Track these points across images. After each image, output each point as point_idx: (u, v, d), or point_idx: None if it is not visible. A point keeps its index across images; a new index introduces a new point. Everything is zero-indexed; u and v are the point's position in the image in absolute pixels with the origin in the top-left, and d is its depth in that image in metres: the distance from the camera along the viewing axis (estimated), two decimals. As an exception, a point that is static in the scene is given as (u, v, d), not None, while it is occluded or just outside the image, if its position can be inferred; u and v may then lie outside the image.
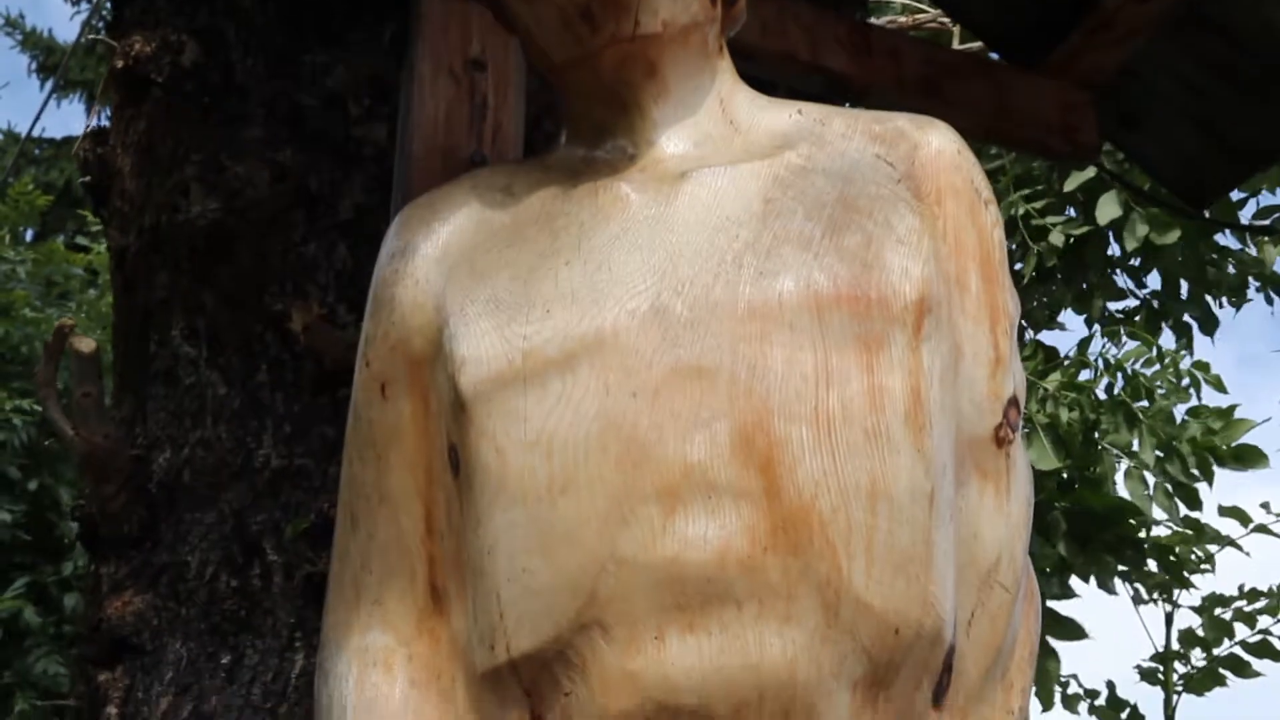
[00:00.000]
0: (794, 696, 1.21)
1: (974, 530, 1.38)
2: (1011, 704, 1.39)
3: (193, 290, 1.82)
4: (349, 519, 1.46)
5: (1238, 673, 2.93)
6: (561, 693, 1.24)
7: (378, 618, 1.41)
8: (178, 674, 1.63)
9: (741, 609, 1.21)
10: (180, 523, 1.71)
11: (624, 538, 1.23)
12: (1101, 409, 2.83)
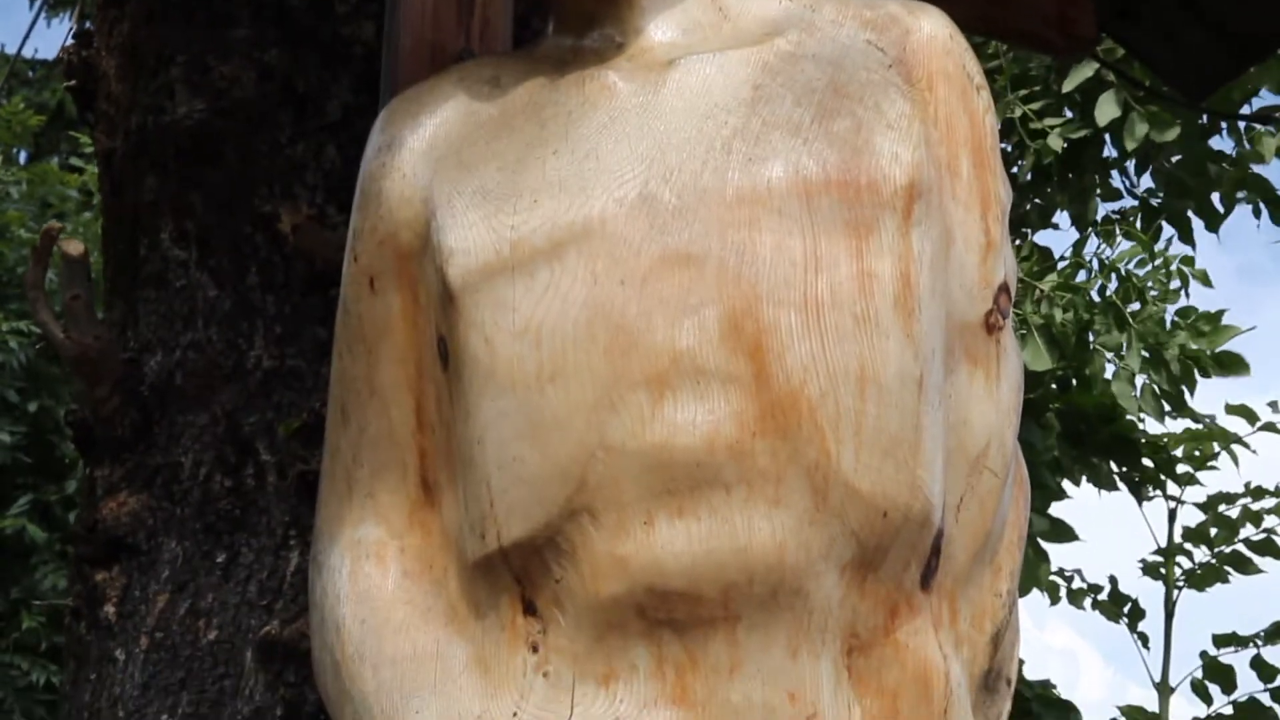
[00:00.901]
0: (782, 579, 1.21)
1: (963, 416, 1.38)
2: (1000, 587, 1.40)
3: (181, 193, 1.81)
4: (340, 414, 1.46)
5: (1240, 569, 2.95)
6: (552, 579, 1.25)
7: (370, 511, 1.42)
8: (174, 573, 1.64)
9: (730, 493, 1.22)
10: (173, 425, 1.72)
11: (613, 424, 1.23)
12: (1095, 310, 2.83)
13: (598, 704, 1.22)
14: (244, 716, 1.55)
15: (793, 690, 1.21)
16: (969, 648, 1.37)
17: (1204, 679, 2.93)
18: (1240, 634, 2.92)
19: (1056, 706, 2.86)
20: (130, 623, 1.64)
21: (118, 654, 1.63)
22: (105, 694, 1.62)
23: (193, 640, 1.60)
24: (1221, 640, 2.92)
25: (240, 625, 1.60)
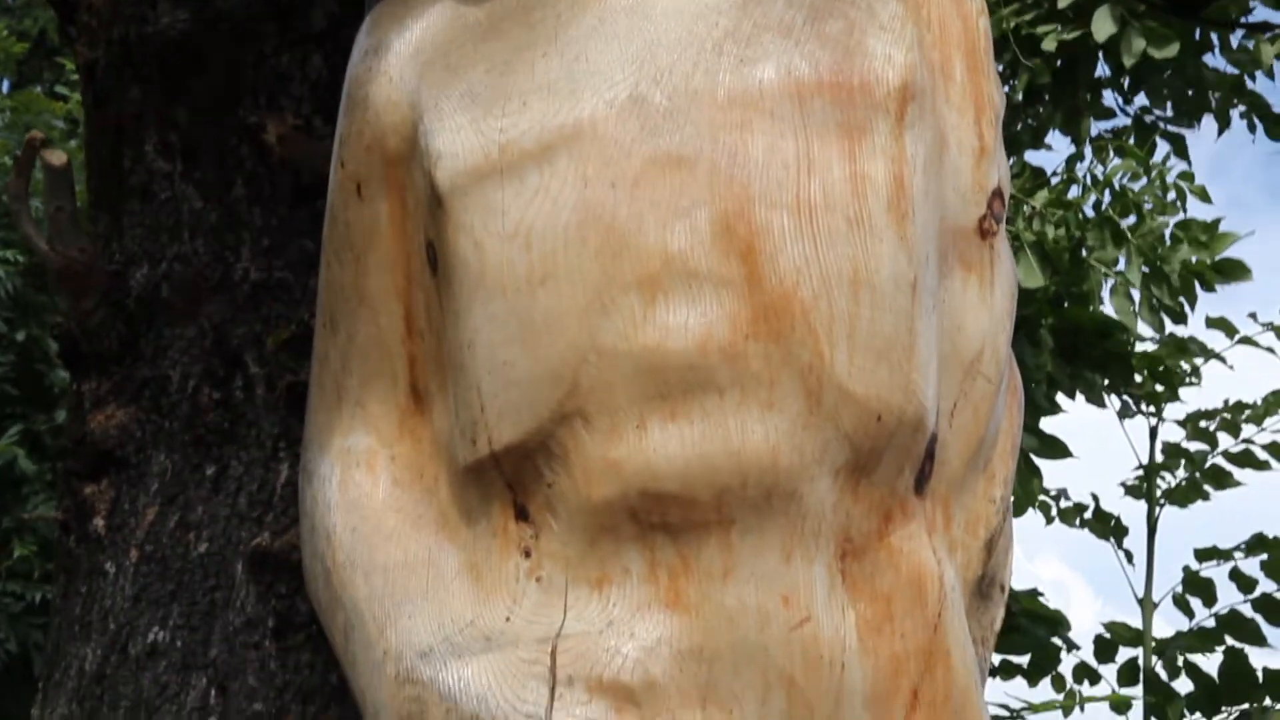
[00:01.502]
0: (776, 482, 1.21)
1: (957, 322, 1.37)
2: (993, 493, 1.40)
3: (165, 104, 1.78)
4: (328, 322, 1.45)
5: (1219, 484, 2.96)
6: (544, 484, 1.24)
7: (360, 420, 1.41)
8: (163, 485, 1.63)
9: (723, 396, 1.21)
10: (160, 338, 1.70)
11: (604, 327, 1.22)
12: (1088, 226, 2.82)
13: (591, 608, 1.21)
14: (235, 628, 1.55)
15: (786, 594, 1.21)
16: (963, 553, 1.37)
17: (1185, 593, 2.95)
18: (1220, 547, 2.93)
19: (1044, 619, 2.88)
20: (120, 536, 1.63)
21: (108, 567, 1.62)
22: (96, 607, 1.61)
23: (183, 553, 1.59)
24: (1203, 554, 2.94)
25: (230, 538, 1.59)
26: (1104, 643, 2.93)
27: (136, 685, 1.55)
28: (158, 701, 1.53)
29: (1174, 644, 2.86)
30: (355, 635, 1.30)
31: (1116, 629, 2.92)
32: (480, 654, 1.21)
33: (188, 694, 1.53)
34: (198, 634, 1.55)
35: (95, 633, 1.60)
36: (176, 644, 1.55)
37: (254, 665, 1.53)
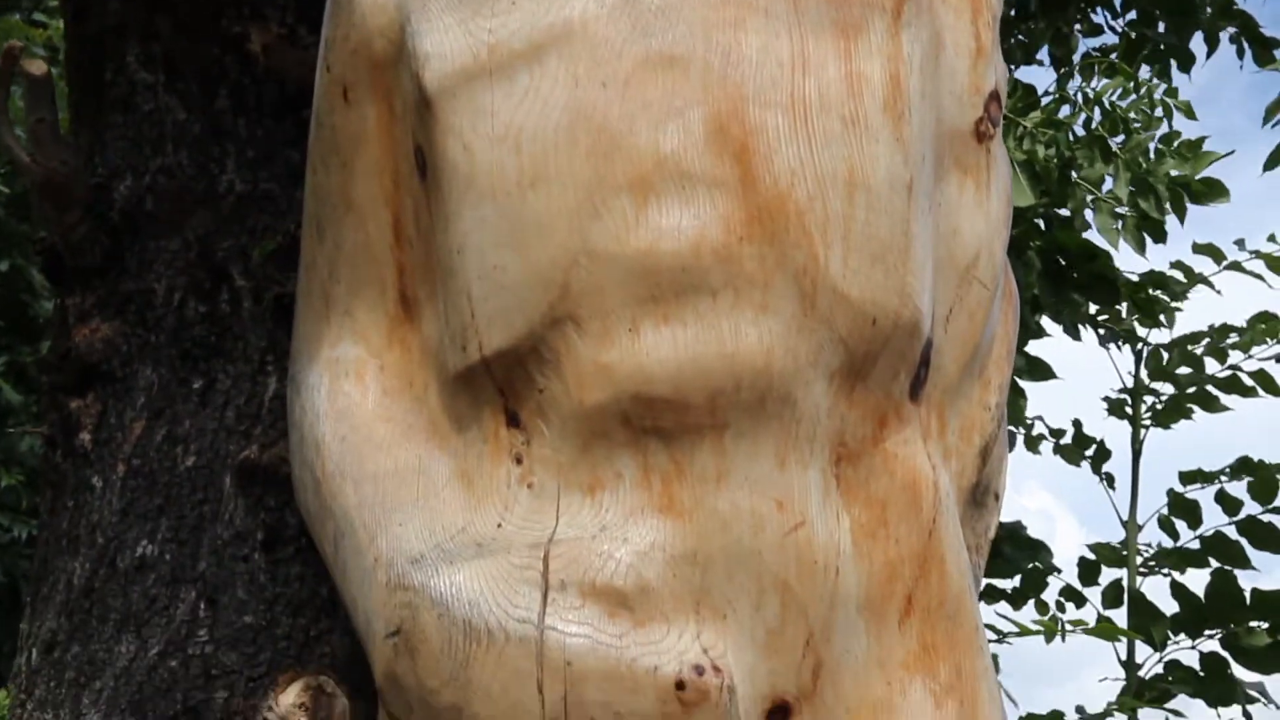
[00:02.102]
0: (770, 386, 1.19)
1: (953, 226, 1.36)
2: (988, 399, 1.39)
3: (147, 15, 1.74)
4: (315, 229, 1.43)
5: (1205, 407, 2.96)
6: (535, 389, 1.23)
7: (348, 329, 1.39)
8: (149, 399, 1.61)
9: (717, 299, 1.19)
10: (145, 251, 1.68)
11: (596, 230, 1.20)
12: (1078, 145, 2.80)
13: (583, 514, 1.20)
14: (224, 541, 1.53)
15: (780, 499, 1.20)
16: (957, 460, 1.36)
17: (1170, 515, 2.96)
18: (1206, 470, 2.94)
19: (1027, 545, 2.88)
20: (107, 450, 1.62)
21: (95, 481, 1.61)
22: (83, 521, 1.60)
23: (170, 466, 1.58)
24: (1187, 477, 2.94)
25: (218, 451, 1.57)
26: (1088, 564, 2.94)
27: (125, 598, 1.53)
28: (147, 614, 1.52)
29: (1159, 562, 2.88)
30: (345, 544, 1.29)
31: (1101, 550, 2.92)
32: (472, 560, 1.20)
33: (177, 607, 1.52)
34: (186, 547, 1.54)
35: (83, 546, 1.59)
36: (165, 557, 1.54)
37: (243, 578, 1.52)
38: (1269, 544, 2.84)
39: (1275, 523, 2.80)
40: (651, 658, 1.15)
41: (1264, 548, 2.85)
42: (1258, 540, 2.84)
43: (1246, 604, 2.62)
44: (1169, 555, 2.88)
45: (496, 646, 1.16)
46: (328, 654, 1.49)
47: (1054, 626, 2.39)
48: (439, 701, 1.17)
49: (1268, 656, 2.62)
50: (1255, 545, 2.84)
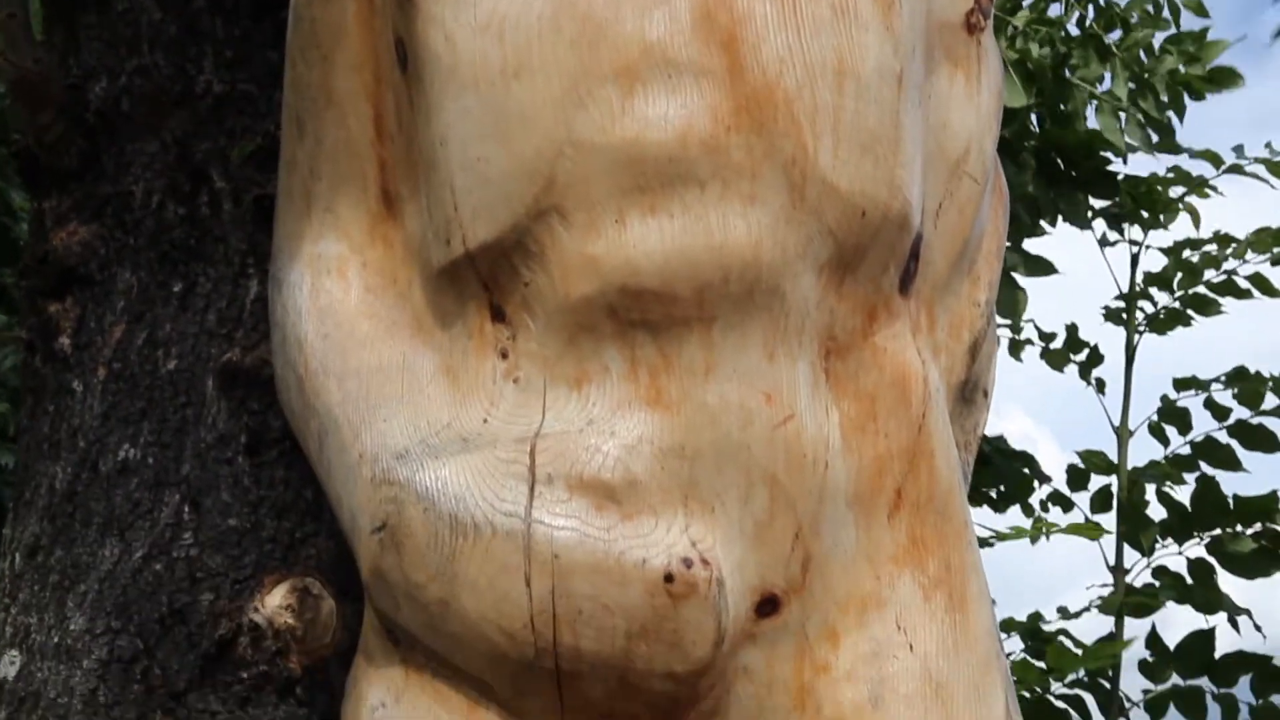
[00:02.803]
0: (758, 278, 1.18)
1: (943, 119, 1.33)
2: (978, 296, 1.38)
3: (119, -88, 1.71)
4: (295, 126, 1.40)
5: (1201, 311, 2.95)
6: (521, 282, 1.21)
7: (330, 225, 1.37)
8: (129, 303, 1.59)
9: (704, 190, 1.17)
10: (122, 153, 1.65)
11: (581, 120, 1.18)
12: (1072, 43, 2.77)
13: (569, 407, 1.19)
14: (207, 444, 1.52)
15: (769, 391, 1.19)
16: (946, 357, 1.35)
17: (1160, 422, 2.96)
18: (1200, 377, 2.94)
19: (1014, 456, 2.89)
20: (86, 354, 1.60)
21: (75, 385, 1.59)
22: (64, 425, 1.58)
23: (151, 370, 1.56)
24: (1181, 384, 2.94)
25: (200, 354, 1.55)
26: (1076, 471, 2.94)
27: (108, 502, 1.52)
28: (130, 518, 1.51)
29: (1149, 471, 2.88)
30: (329, 441, 1.28)
31: (1090, 457, 2.93)
32: (458, 454, 1.19)
33: (160, 510, 1.50)
34: (169, 451, 1.53)
35: (65, 451, 1.57)
36: (148, 461, 1.52)
37: (227, 481, 1.50)
38: (1260, 445, 2.85)
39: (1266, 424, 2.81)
40: (639, 551, 1.14)
41: (1255, 449, 2.85)
42: (1249, 442, 2.84)
43: (1231, 510, 2.63)
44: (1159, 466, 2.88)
45: (483, 540, 1.15)
46: (313, 556, 1.48)
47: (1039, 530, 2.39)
48: (425, 596, 1.17)
49: (1253, 562, 2.63)
50: (1246, 447, 2.84)
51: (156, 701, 1.43)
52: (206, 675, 1.44)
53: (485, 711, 1.17)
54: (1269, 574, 2.63)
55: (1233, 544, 2.65)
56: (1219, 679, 2.61)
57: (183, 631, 1.45)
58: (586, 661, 1.14)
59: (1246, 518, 2.63)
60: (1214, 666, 2.61)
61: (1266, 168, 2.84)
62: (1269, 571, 2.63)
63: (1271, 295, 2.90)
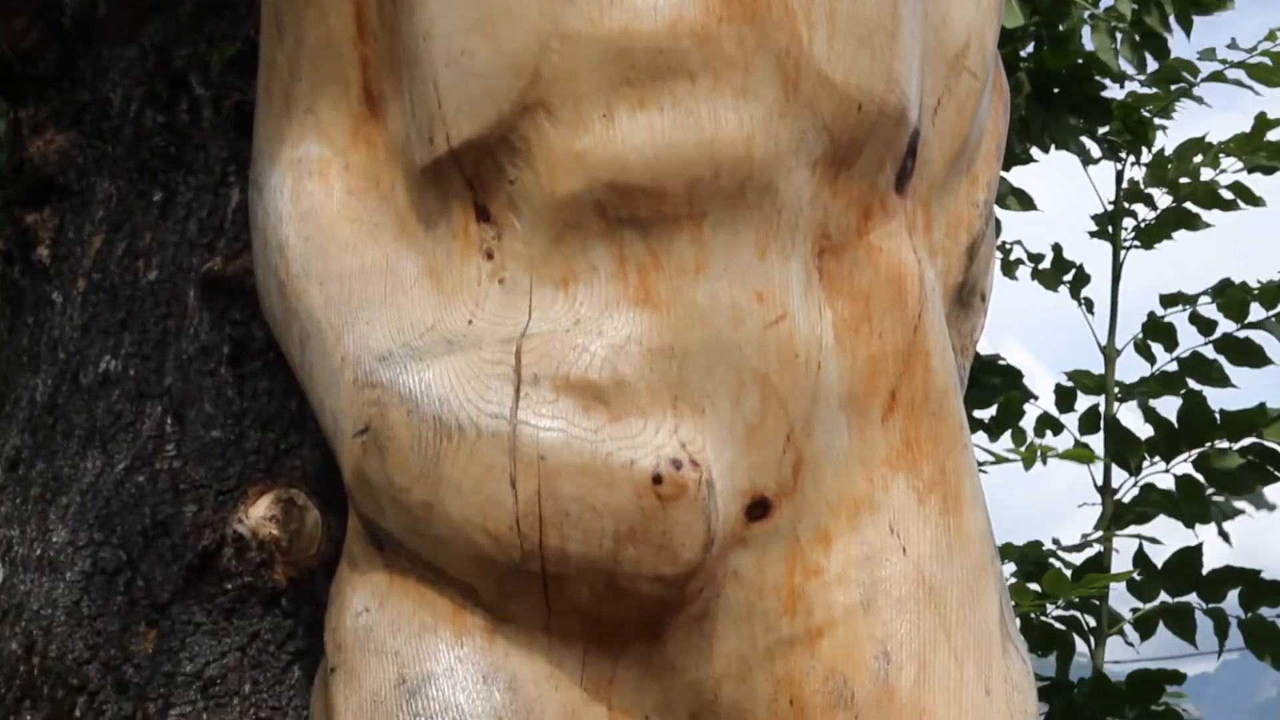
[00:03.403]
0: (750, 174, 1.15)
1: (942, 14, 1.30)
2: (976, 196, 1.35)
3: None
4: (275, 26, 1.37)
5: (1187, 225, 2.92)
6: (506, 180, 1.18)
7: (311, 127, 1.34)
8: (108, 212, 1.56)
9: (695, 82, 1.14)
10: (99, 59, 1.61)
11: (568, 11, 1.15)
12: (1073, -41, 2.73)
13: (556, 307, 1.16)
14: (189, 355, 1.49)
15: (761, 290, 1.16)
16: (944, 258, 1.32)
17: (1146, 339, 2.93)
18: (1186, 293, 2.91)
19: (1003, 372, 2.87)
20: (66, 265, 1.57)
21: (55, 296, 1.56)
22: (44, 337, 1.55)
23: (132, 281, 1.53)
24: (1167, 300, 2.91)
25: (181, 264, 1.52)
26: (1065, 391, 2.92)
27: (90, 414, 1.49)
28: (112, 430, 1.48)
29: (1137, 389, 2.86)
30: (311, 344, 1.25)
31: (1078, 377, 2.91)
32: (442, 356, 1.16)
33: (143, 422, 1.48)
34: (150, 362, 1.50)
35: (44, 363, 1.54)
36: (129, 372, 1.50)
37: (210, 393, 1.48)
38: (1247, 359, 2.83)
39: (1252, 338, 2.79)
40: (627, 452, 1.12)
41: (1242, 363, 2.83)
42: (1236, 356, 2.82)
43: (1218, 425, 2.61)
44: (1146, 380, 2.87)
45: (468, 442, 1.12)
46: (298, 468, 1.46)
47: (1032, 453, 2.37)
48: (409, 499, 1.15)
49: (1239, 478, 2.63)
50: (1233, 361, 2.82)
51: (140, 613, 1.42)
52: (190, 587, 1.42)
53: (471, 616, 1.15)
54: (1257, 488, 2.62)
55: (1220, 460, 2.64)
56: (1207, 595, 2.61)
57: (166, 543, 1.43)
58: (573, 564, 1.12)
59: (1235, 432, 2.61)
60: (1202, 582, 2.60)
61: (1248, 72, 2.79)
62: (1257, 485, 2.61)
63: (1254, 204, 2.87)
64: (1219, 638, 2.65)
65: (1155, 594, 2.71)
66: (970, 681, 1.17)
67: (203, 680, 1.40)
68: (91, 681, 1.40)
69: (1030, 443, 2.82)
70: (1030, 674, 1.23)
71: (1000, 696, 1.18)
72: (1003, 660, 1.20)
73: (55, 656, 1.42)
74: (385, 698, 1.13)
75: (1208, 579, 2.65)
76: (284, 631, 1.42)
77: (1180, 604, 2.70)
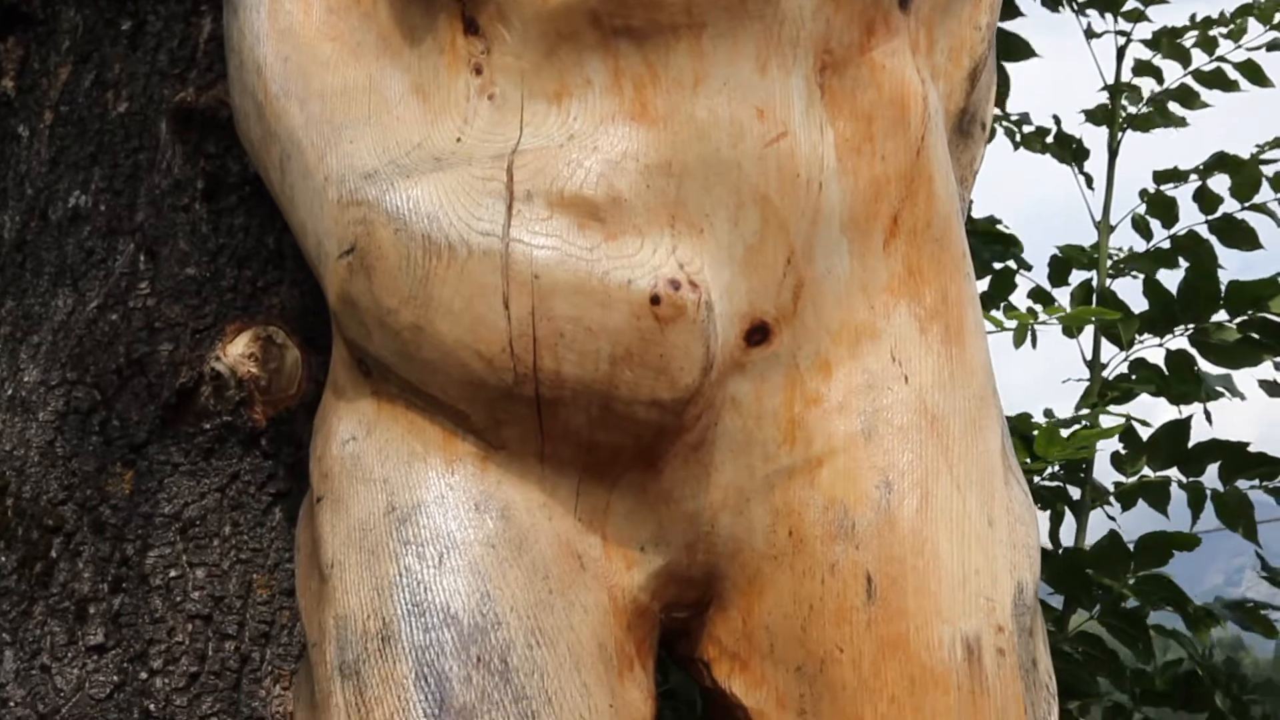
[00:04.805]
0: None
1: None
2: (979, 19, 1.30)
3: None
4: None
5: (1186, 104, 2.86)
6: (495, -13, 1.12)
7: (289, -52, 1.27)
8: (75, 43, 1.49)
9: None
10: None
11: None
12: None
13: (549, 123, 1.11)
14: (162, 190, 1.43)
15: (761, 106, 1.11)
16: (945, 82, 1.27)
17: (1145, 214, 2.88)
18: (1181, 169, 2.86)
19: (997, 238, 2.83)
20: (31, 98, 1.50)
21: (21, 130, 1.50)
22: (10, 173, 1.49)
23: (101, 113, 1.47)
24: (1161, 176, 2.86)
25: (152, 96, 1.46)
26: (1058, 263, 2.88)
27: (60, 251, 1.44)
28: (83, 267, 1.43)
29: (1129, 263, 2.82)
30: (292, 165, 1.20)
31: (1070, 251, 2.87)
32: (430, 173, 1.11)
33: (115, 259, 1.43)
34: (122, 197, 1.44)
35: (12, 199, 1.49)
36: (100, 208, 1.44)
37: (184, 228, 1.42)
38: (1241, 241, 2.79)
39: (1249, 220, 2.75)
40: (624, 271, 1.07)
41: (1233, 245, 2.79)
42: (1230, 238, 2.78)
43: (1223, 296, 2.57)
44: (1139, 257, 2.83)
45: (458, 261, 1.08)
46: (276, 306, 1.41)
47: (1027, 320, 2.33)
48: (398, 321, 1.10)
49: (1236, 351, 2.59)
50: (1226, 243, 2.78)
51: (116, 453, 1.38)
52: (168, 426, 1.38)
53: (462, 443, 1.11)
54: (1253, 363, 2.59)
55: (1217, 334, 2.60)
56: (1189, 469, 2.58)
57: (142, 382, 1.39)
58: (568, 388, 1.08)
59: (1238, 305, 2.57)
60: (1187, 456, 2.58)
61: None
62: (1253, 360, 2.58)
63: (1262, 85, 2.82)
64: (1193, 510, 2.63)
65: (1139, 468, 2.69)
66: (973, 512, 1.14)
67: (182, 522, 1.36)
68: (68, 522, 1.36)
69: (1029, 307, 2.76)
70: (1032, 507, 1.20)
71: (1003, 527, 1.15)
72: (1005, 491, 1.17)
73: (30, 497, 1.38)
74: (374, 526, 1.09)
75: (1192, 452, 2.62)
76: (264, 473, 1.38)
77: (1160, 478, 2.67)
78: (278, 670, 1.33)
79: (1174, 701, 2.49)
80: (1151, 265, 2.80)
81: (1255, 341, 2.56)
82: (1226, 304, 2.56)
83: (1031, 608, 1.14)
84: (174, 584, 1.34)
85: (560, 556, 1.10)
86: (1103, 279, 2.81)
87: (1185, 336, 2.67)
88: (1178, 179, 2.84)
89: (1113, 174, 2.92)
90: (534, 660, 1.04)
